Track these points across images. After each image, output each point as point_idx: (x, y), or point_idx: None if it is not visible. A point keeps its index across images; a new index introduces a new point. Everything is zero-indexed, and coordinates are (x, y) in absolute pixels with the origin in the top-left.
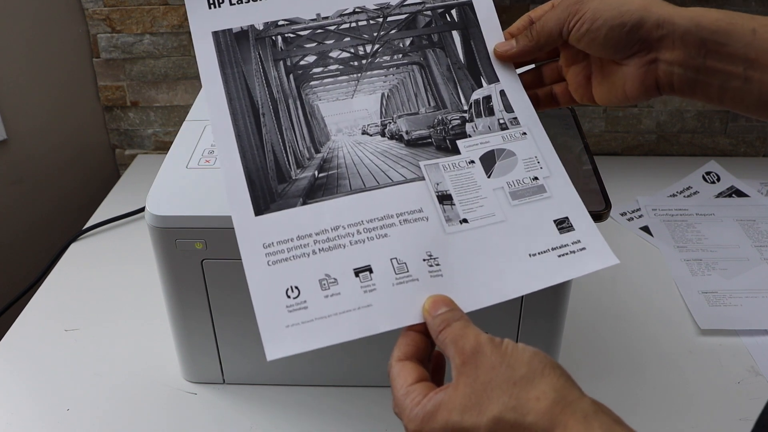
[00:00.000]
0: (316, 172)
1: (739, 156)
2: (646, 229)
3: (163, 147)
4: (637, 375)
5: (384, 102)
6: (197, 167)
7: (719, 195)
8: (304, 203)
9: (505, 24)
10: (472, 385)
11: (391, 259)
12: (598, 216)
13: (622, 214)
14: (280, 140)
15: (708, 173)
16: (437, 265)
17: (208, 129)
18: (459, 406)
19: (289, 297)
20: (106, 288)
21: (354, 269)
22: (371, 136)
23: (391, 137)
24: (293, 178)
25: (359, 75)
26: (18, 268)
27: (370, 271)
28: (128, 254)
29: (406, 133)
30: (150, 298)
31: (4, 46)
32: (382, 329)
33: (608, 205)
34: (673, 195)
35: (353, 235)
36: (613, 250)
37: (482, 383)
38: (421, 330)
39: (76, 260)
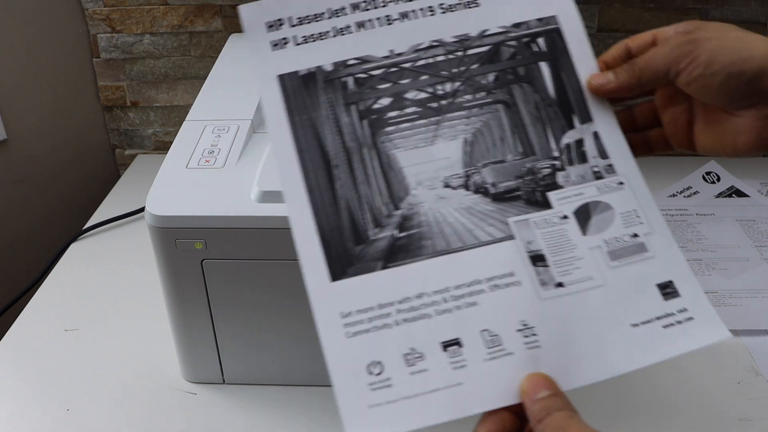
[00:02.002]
0: (396, 232)
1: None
2: None
3: (163, 147)
4: (636, 375)
5: (467, 148)
6: (197, 167)
7: (719, 195)
8: (385, 267)
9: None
10: None
11: (481, 331)
12: None
13: None
14: (355, 196)
15: (708, 173)
16: (533, 335)
17: (208, 129)
18: None
19: (371, 374)
20: (106, 288)
21: (441, 342)
22: (454, 189)
23: (476, 190)
24: (371, 238)
25: (439, 118)
26: (18, 268)
27: (459, 344)
28: (128, 254)
29: (492, 185)
30: (150, 298)
31: (5, 46)
32: (474, 411)
33: None
34: (673, 195)
35: (439, 304)
36: None
37: None
38: (513, 410)
39: (76, 260)
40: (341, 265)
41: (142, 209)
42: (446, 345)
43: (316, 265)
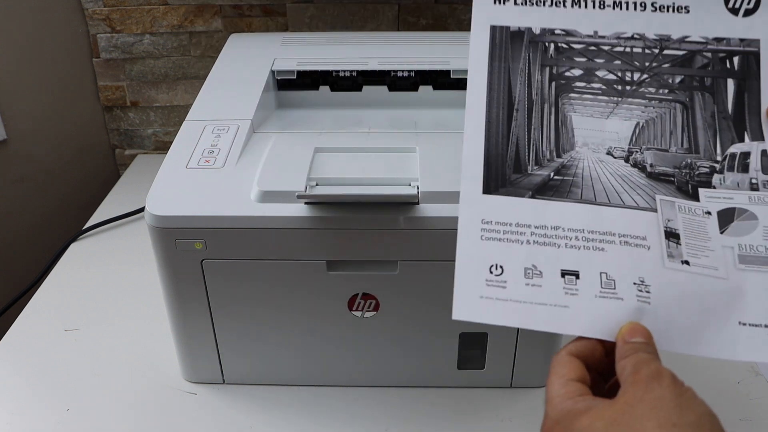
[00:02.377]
0: (552, 173)
1: None
2: None
3: (163, 147)
4: None
5: (637, 131)
6: (197, 167)
7: None
8: (533, 197)
9: None
10: (633, 406)
11: (600, 273)
12: None
13: None
14: (526, 136)
15: None
16: (647, 292)
17: (207, 129)
18: (608, 418)
19: (491, 272)
20: (106, 288)
21: (562, 270)
22: (615, 158)
23: (634, 165)
24: (529, 172)
25: (620, 99)
26: (18, 268)
27: (578, 276)
28: (128, 254)
29: (651, 165)
30: (150, 298)
31: (5, 46)
32: (571, 332)
33: None
34: None
35: (570, 240)
36: None
37: (643, 409)
38: (605, 345)
39: (76, 260)
40: (495, 184)
41: (142, 209)
42: (565, 273)
43: (473, 178)
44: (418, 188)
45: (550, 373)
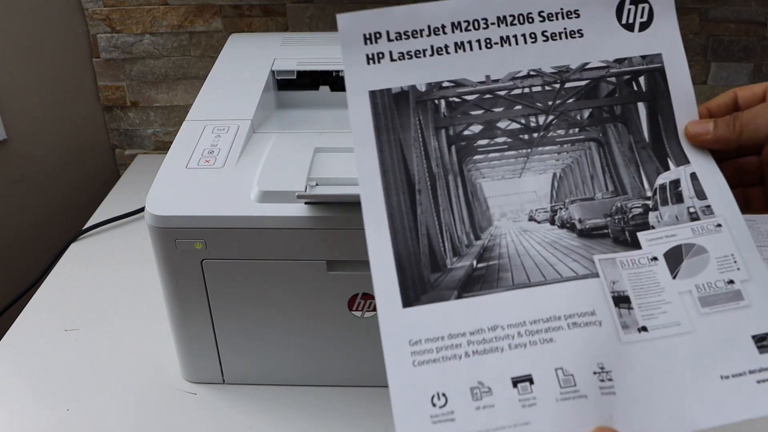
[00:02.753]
0: (475, 262)
1: None
2: None
3: (163, 147)
4: None
5: (555, 184)
6: (197, 167)
7: None
8: (459, 297)
9: None
10: None
11: (556, 369)
12: None
13: None
14: (436, 223)
15: None
16: (609, 380)
17: (207, 129)
18: None
19: (434, 405)
20: (106, 288)
21: (512, 378)
22: (539, 222)
23: (562, 225)
24: (448, 267)
25: (529, 150)
26: (18, 268)
27: (531, 381)
28: (128, 254)
29: (579, 221)
30: (150, 298)
31: (5, 46)
32: None
33: None
34: None
35: (513, 338)
36: None
37: None
38: None
39: (76, 260)
40: (414, 292)
41: (142, 209)
42: (517, 381)
43: (389, 289)
44: None
45: None
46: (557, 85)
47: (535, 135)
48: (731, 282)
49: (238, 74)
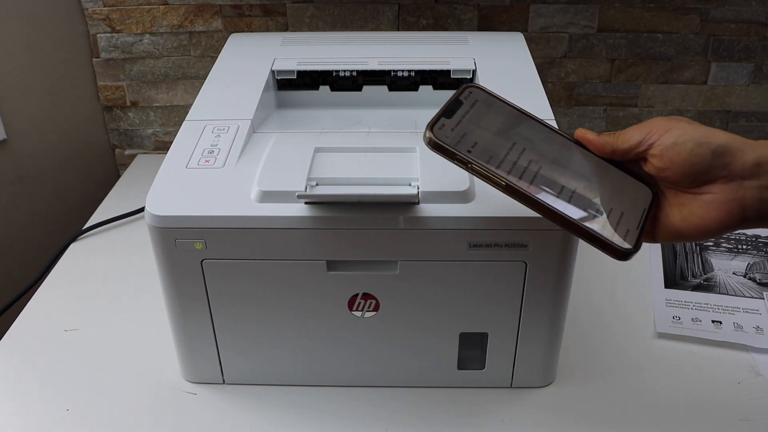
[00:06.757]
0: None
1: None
2: None
3: (163, 147)
4: (637, 375)
5: None
6: (197, 167)
7: None
8: None
9: (504, 24)
10: None
11: None
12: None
13: None
14: None
15: None
16: None
17: (207, 129)
18: None
19: None
20: (106, 288)
21: None
22: None
23: None
24: None
25: None
26: (18, 268)
27: None
28: (128, 254)
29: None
30: (150, 298)
31: (4, 46)
32: None
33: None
34: None
35: None
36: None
37: None
38: None
39: (76, 260)
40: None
41: (142, 209)
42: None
43: None
44: (418, 188)
45: None
46: None
47: None
48: None
49: (238, 74)
